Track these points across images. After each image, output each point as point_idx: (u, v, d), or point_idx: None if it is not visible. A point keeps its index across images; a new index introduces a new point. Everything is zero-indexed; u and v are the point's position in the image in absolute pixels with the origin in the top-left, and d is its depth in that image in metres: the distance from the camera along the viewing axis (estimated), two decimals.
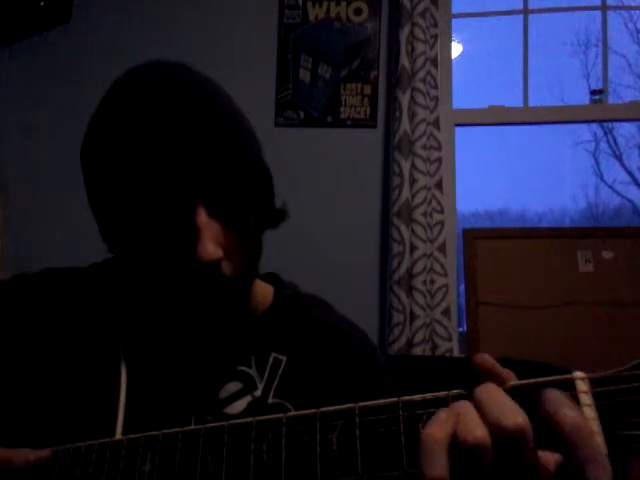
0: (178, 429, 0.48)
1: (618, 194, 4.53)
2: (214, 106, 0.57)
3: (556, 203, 4.63)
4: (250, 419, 0.46)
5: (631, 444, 0.36)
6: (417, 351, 1.78)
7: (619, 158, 4.50)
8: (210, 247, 0.54)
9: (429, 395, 0.41)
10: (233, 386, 0.64)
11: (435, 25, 1.95)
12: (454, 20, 2.12)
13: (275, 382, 0.65)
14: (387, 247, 1.90)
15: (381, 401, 0.41)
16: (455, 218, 2.06)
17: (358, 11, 2.05)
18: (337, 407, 0.43)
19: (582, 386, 0.38)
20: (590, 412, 0.37)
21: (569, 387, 0.38)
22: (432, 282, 1.84)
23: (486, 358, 0.40)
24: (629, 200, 4.46)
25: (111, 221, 0.58)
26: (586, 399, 0.37)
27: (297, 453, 0.42)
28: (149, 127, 0.54)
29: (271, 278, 0.76)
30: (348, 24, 2.05)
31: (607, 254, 1.87)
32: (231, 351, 0.66)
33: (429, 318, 1.82)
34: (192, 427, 0.48)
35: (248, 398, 0.64)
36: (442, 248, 1.87)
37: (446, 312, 1.83)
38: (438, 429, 0.37)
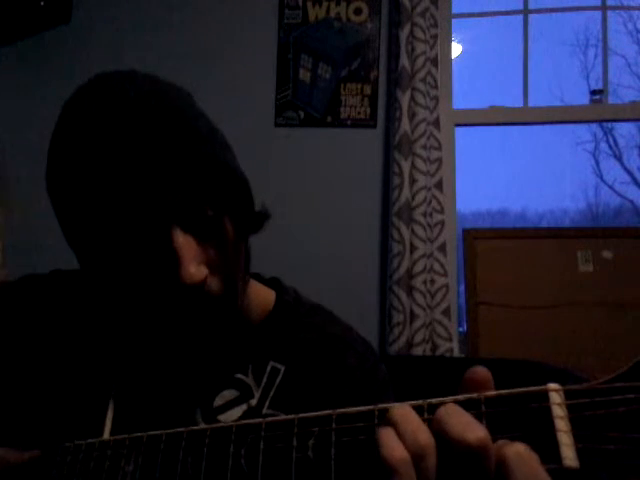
0: (162, 431, 0.48)
1: (618, 194, 4.53)
2: (174, 120, 0.54)
3: (556, 203, 4.63)
4: (231, 423, 0.46)
5: (604, 459, 0.34)
6: (417, 351, 1.78)
7: (619, 158, 4.50)
8: (192, 269, 0.52)
9: (410, 403, 0.40)
10: (229, 394, 0.63)
11: (435, 25, 1.95)
12: (454, 20, 2.12)
13: (272, 392, 0.63)
14: (387, 247, 1.90)
15: (358, 408, 0.41)
16: (455, 218, 2.05)
17: (358, 11, 2.05)
18: (315, 413, 0.42)
19: (556, 398, 0.37)
20: (563, 424, 0.36)
21: (542, 399, 0.37)
22: (432, 282, 1.84)
23: (483, 373, 0.39)
24: (629, 200, 4.46)
25: (87, 253, 0.57)
26: (559, 411, 0.36)
27: (274, 458, 0.42)
28: (105, 156, 0.51)
29: (273, 283, 0.74)
30: (348, 24, 2.05)
31: (607, 254, 1.87)
32: (227, 358, 0.64)
33: (429, 318, 1.82)
34: (176, 430, 0.48)
35: (243, 407, 0.63)
36: (442, 248, 1.87)
37: (446, 312, 1.83)
38: (397, 450, 0.37)
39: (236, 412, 0.62)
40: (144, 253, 0.54)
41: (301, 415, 0.43)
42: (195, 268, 0.53)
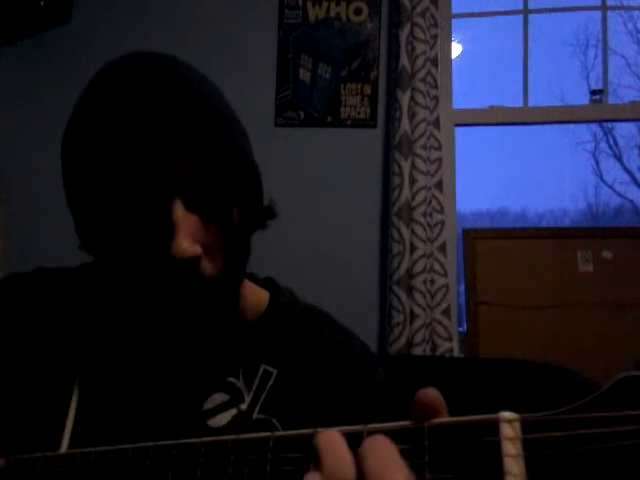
0: (109, 447, 0.47)
1: (618, 194, 4.53)
2: (196, 97, 0.55)
3: (556, 203, 4.63)
4: (172, 442, 0.43)
5: None
6: (417, 351, 1.78)
7: (619, 158, 4.50)
8: (185, 243, 0.51)
9: (344, 428, 0.36)
10: (219, 397, 0.61)
11: (435, 25, 1.95)
12: (454, 20, 2.12)
13: (263, 396, 0.62)
14: (387, 247, 1.90)
15: (297, 432, 0.38)
16: (455, 218, 2.05)
17: (358, 11, 2.05)
18: (252, 436, 0.39)
19: (508, 431, 0.30)
20: (514, 466, 0.29)
21: (492, 431, 0.30)
22: (432, 282, 1.84)
23: (433, 394, 0.35)
24: (629, 200, 4.46)
25: (86, 216, 0.56)
26: (510, 448, 0.29)
27: None
28: (124, 117, 0.51)
29: (267, 283, 0.72)
30: (348, 24, 2.05)
31: (607, 254, 1.87)
32: (218, 361, 0.63)
33: (429, 318, 1.82)
34: (122, 446, 0.46)
35: (233, 411, 0.61)
36: (442, 248, 1.87)
37: (446, 312, 1.83)
38: None
39: (226, 416, 0.61)
40: (143, 219, 0.53)
41: (239, 437, 0.40)
42: (188, 243, 0.51)
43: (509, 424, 0.30)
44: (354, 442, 0.34)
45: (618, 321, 1.81)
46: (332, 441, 0.34)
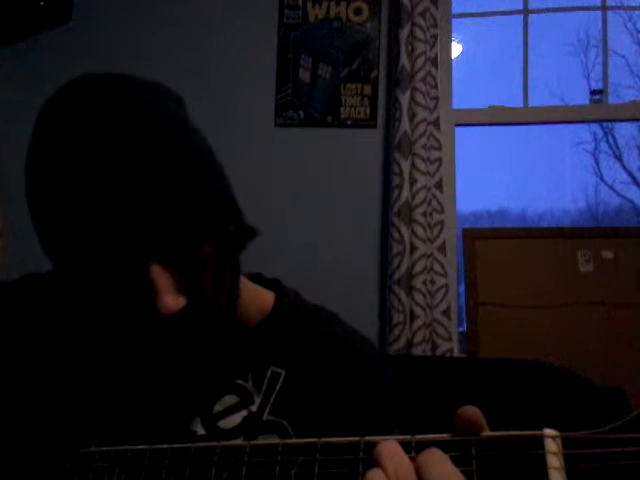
0: (146, 446, 0.48)
1: (618, 194, 4.53)
2: (157, 144, 0.51)
3: (556, 203, 4.62)
4: (215, 443, 0.45)
5: None
6: (417, 351, 1.78)
7: (619, 158, 4.50)
8: (168, 300, 0.50)
9: (395, 438, 0.38)
10: (229, 399, 0.62)
11: (435, 25, 1.95)
12: (454, 20, 2.12)
13: (272, 397, 0.63)
14: (387, 247, 1.90)
15: (344, 439, 0.40)
16: (455, 218, 2.05)
17: (358, 11, 2.05)
18: (299, 440, 0.42)
19: (552, 446, 0.33)
20: (558, 477, 0.32)
21: (537, 445, 0.34)
22: (432, 282, 1.84)
23: (473, 411, 0.37)
24: (629, 200, 4.46)
25: (62, 269, 0.54)
26: (554, 461, 0.33)
27: None
28: (80, 185, 0.49)
29: (273, 285, 0.72)
30: (348, 24, 2.05)
31: (607, 254, 1.87)
32: (227, 364, 0.63)
33: (429, 318, 1.82)
34: (160, 446, 0.47)
35: (244, 413, 0.62)
36: (442, 248, 1.87)
37: (446, 312, 1.83)
38: None
39: (236, 418, 0.62)
40: (121, 283, 0.51)
41: (286, 441, 0.42)
42: (171, 299, 0.50)
43: (553, 440, 0.34)
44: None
45: (618, 321, 1.80)
46: (395, 450, 0.36)
